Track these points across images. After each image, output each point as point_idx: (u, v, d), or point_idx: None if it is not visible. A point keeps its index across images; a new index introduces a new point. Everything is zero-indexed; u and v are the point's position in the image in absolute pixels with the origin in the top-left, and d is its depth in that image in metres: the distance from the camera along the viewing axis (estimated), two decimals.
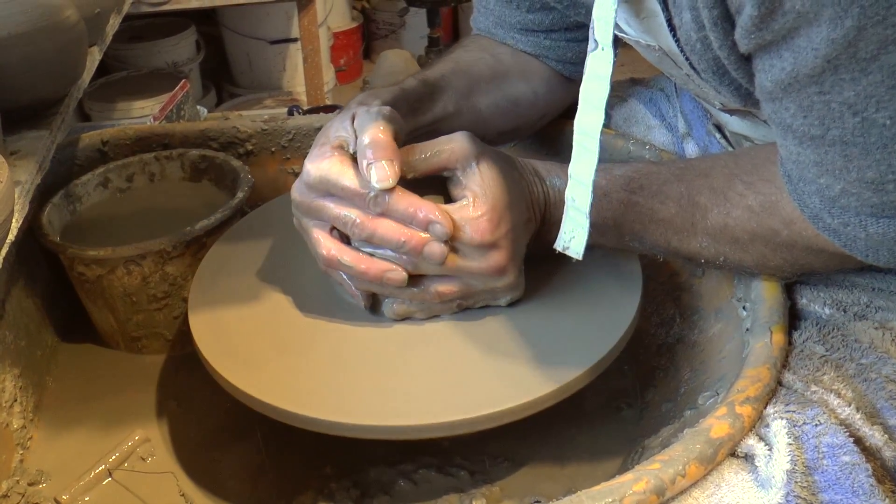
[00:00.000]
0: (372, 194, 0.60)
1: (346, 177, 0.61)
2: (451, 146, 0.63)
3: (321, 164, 0.62)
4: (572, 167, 0.61)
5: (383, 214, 0.61)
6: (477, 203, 0.61)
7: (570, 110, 0.90)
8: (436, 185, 0.64)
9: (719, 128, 0.83)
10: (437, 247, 0.60)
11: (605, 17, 0.57)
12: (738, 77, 0.57)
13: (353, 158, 0.62)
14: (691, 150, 0.85)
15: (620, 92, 0.96)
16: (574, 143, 0.61)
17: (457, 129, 0.74)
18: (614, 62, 0.58)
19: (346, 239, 0.64)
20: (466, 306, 0.66)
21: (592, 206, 0.59)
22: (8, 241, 0.56)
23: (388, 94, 0.69)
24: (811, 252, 0.60)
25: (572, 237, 0.62)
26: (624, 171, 0.65)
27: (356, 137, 0.62)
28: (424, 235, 0.60)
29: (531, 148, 0.91)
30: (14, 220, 0.56)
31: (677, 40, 0.59)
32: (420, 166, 0.62)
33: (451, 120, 0.76)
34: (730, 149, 0.82)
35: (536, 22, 0.81)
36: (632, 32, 0.65)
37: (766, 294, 0.63)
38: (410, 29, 3.25)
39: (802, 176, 0.56)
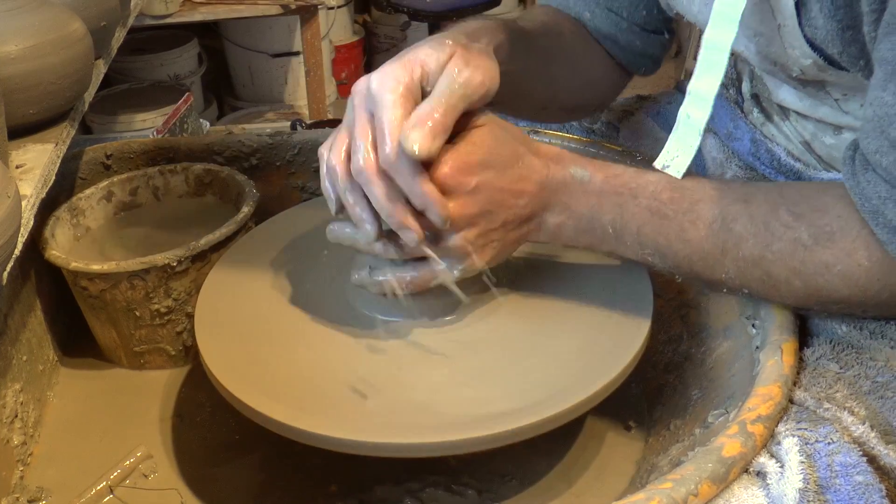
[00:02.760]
0: (389, 148, 0.56)
1: (391, 115, 0.57)
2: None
3: (386, 84, 0.57)
4: (693, 83, 0.61)
5: (389, 172, 0.57)
6: (452, 151, 0.59)
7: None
8: None
9: (758, 99, 0.79)
10: (412, 236, 0.58)
11: None
12: (867, 6, 0.54)
13: (417, 98, 0.58)
14: (710, 144, 0.84)
15: (627, 106, 0.96)
16: (699, 59, 0.61)
17: (530, 88, 0.76)
18: None
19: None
20: (419, 281, 0.62)
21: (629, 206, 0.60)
22: (14, 255, 0.55)
23: (500, 35, 0.67)
24: (862, 282, 0.56)
25: (676, 156, 0.61)
26: (657, 177, 0.63)
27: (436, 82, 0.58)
28: (410, 220, 0.58)
29: None
30: (20, 236, 0.56)
31: None
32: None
33: (530, 78, 0.75)
34: (766, 125, 0.79)
35: None
36: None
37: (775, 312, 0.62)
38: (412, 43, 3.25)
39: (881, 142, 0.52)
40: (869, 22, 0.55)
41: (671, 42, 0.86)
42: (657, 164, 0.61)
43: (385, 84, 0.58)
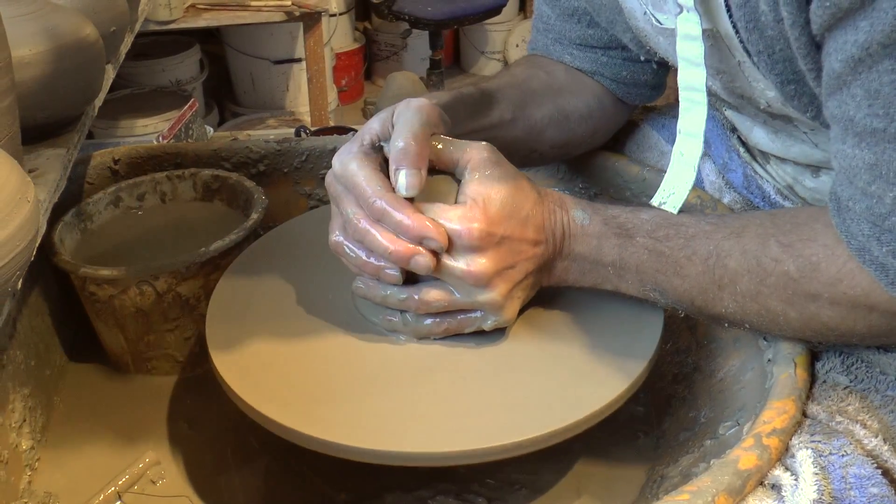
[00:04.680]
0: (372, 200, 0.59)
1: (361, 176, 0.61)
2: (472, 149, 0.62)
3: (344, 159, 0.62)
4: (681, 122, 0.63)
5: (379, 221, 0.60)
6: (472, 206, 0.60)
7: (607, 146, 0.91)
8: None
9: (744, 142, 0.81)
10: (423, 259, 0.59)
11: None
12: (804, 66, 0.55)
13: (378, 156, 0.62)
14: (708, 169, 0.85)
15: (632, 118, 0.96)
16: (681, 100, 0.63)
17: (513, 137, 0.76)
18: (700, 21, 0.61)
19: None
20: (454, 329, 0.63)
21: (633, 231, 0.61)
22: (30, 260, 0.55)
23: (447, 97, 0.69)
24: (853, 309, 0.56)
25: (672, 193, 0.62)
26: (651, 216, 0.63)
27: (391, 131, 0.62)
28: (411, 247, 0.59)
29: (566, 177, 0.92)
30: (36, 241, 0.56)
31: (734, 23, 0.58)
32: (439, 156, 0.62)
33: (507, 127, 0.76)
34: (753, 164, 0.81)
35: (596, 37, 0.81)
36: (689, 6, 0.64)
37: None
38: (412, 50, 3.28)
39: (853, 191, 0.53)
40: (812, 78, 0.56)
41: (667, 70, 0.85)
42: (654, 201, 0.62)
43: (344, 158, 0.62)
